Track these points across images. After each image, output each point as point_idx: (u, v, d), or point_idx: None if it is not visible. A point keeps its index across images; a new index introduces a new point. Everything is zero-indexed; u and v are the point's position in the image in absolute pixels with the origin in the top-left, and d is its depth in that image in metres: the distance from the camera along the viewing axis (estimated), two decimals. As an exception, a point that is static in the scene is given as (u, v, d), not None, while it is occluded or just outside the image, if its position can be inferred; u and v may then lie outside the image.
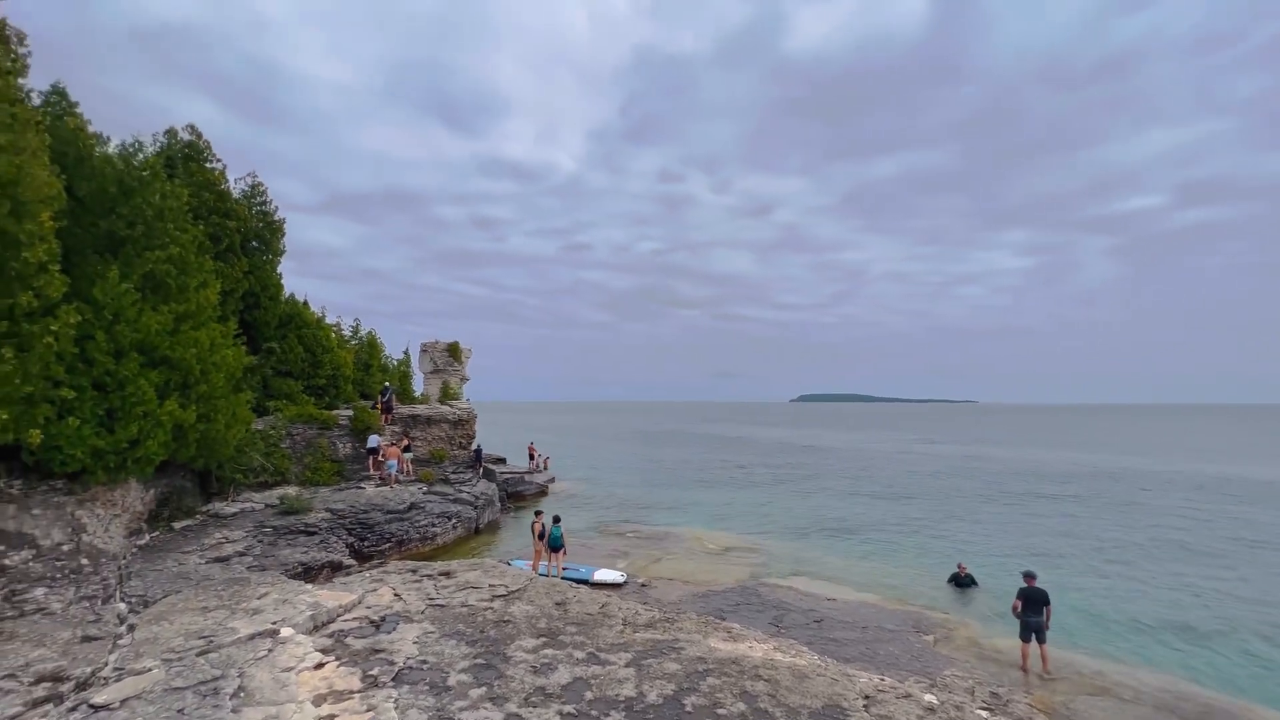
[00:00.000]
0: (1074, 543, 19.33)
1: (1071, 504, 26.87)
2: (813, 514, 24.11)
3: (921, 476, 37.11)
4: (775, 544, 18.83)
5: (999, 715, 7.61)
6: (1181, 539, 19.87)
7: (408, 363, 28.79)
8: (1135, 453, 56.12)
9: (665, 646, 8.75)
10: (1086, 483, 34.08)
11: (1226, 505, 26.72)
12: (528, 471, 32.50)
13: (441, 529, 17.48)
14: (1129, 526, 21.91)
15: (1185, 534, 20.67)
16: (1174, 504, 26.88)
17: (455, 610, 9.03)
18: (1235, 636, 11.68)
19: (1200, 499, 28.37)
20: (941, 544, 19.03)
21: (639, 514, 23.60)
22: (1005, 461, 46.83)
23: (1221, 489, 31.71)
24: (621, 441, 68.27)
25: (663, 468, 40.99)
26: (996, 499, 28.27)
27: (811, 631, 10.58)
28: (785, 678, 8.06)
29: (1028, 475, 37.68)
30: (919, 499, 28.28)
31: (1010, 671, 9.83)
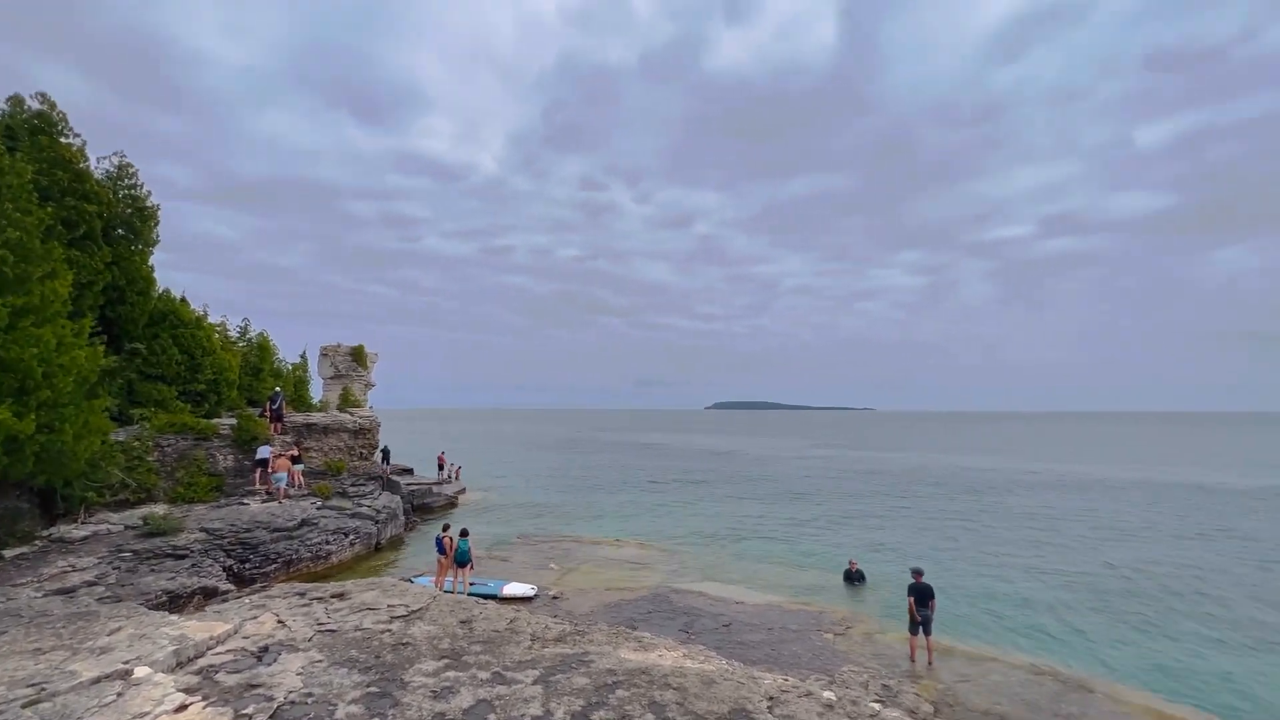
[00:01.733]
0: (953, 538, 21.13)
1: (952, 503, 29.41)
2: (723, 519, 24.78)
3: (822, 480, 39.29)
4: (687, 549, 19.14)
5: (890, 707, 8.06)
6: (1043, 532, 22.25)
7: (305, 367, 26.66)
8: (1003, 454, 62.53)
9: (575, 660, 8.56)
10: (966, 483, 37.51)
11: (1079, 500, 30.29)
12: (437, 482, 31.07)
13: (337, 546, 16.24)
14: (999, 522, 24.26)
15: (1046, 528, 23.16)
16: (1036, 501, 30.14)
17: (348, 635, 8.38)
18: (1091, 618, 13.17)
19: (1058, 496, 32.00)
20: (838, 543, 20.15)
21: (553, 524, 23.18)
22: (895, 464, 50.66)
23: (1074, 487, 35.97)
24: (539, 450, 67.05)
25: (579, 476, 40.62)
26: (887, 499, 30.41)
27: (720, 636, 10.79)
28: (694, 685, 8.11)
29: (915, 477, 40.93)
30: (819, 501, 29.86)
31: (901, 663, 10.49)
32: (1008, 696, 9.16)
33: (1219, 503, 29.83)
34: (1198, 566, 17.49)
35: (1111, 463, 53.20)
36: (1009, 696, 9.16)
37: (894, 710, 7.88)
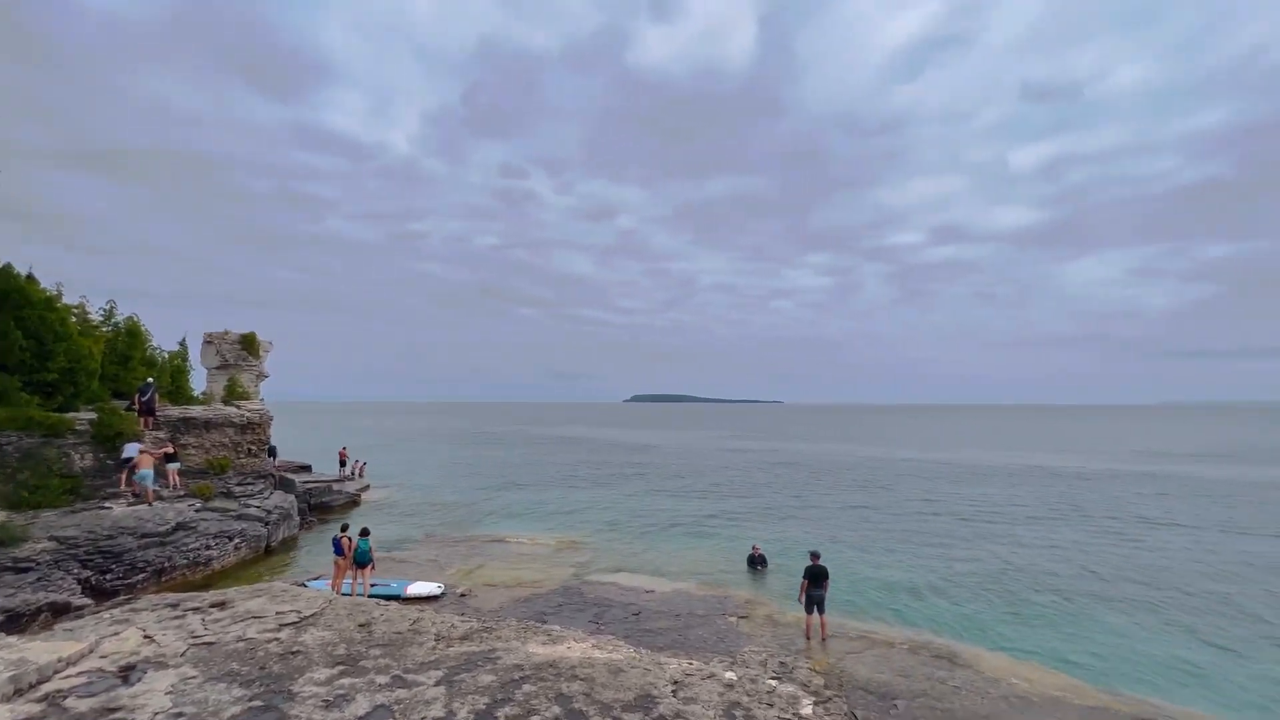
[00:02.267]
0: (847, 524, 22.71)
1: (848, 490, 31.61)
2: (637, 511, 25.19)
3: (731, 471, 40.92)
4: (600, 541, 19.30)
5: (785, 682, 8.56)
6: (926, 517, 24.41)
7: (185, 355, 24.11)
8: (894, 445, 67.88)
9: (481, 658, 8.44)
10: (861, 471, 40.44)
11: (955, 486, 33.49)
12: (338, 480, 29.28)
13: (220, 551, 14.92)
14: (888, 507, 26.36)
15: (929, 513, 25.42)
16: (920, 488, 32.99)
17: (228, 647, 7.77)
18: (961, 594, 14.63)
19: (938, 483, 35.21)
20: (744, 530, 21.10)
21: (464, 520, 22.57)
22: (799, 455, 53.70)
23: (951, 473, 39.74)
24: (452, 444, 64.83)
25: (493, 471, 39.73)
26: (790, 488, 32.19)
27: (630, 625, 11.00)
28: (601, 675, 8.22)
29: (816, 466, 43.60)
30: (727, 491, 31.10)
31: (797, 640, 11.17)
32: (889, 667, 10.02)
33: (1068, 485, 34.04)
34: (1055, 544, 19.86)
35: (984, 450, 59.28)
36: (890, 666, 10.03)
37: (789, 685, 8.38)
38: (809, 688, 8.54)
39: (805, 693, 8.51)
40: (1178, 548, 18.99)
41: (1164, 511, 25.22)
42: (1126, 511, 25.33)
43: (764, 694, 8.29)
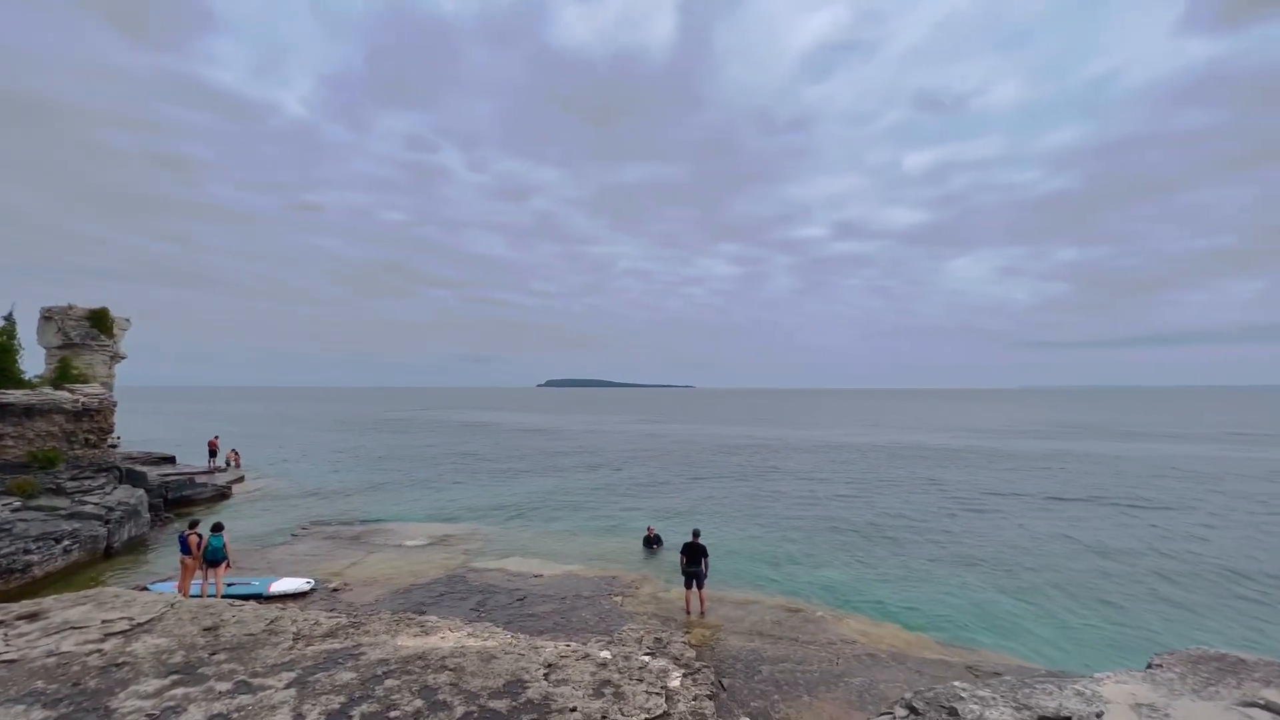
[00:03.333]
0: (737, 500, 23.92)
1: (742, 469, 33.23)
2: (537, 495, 25.04)
3: (635, 454, 41.71)
4: (494, 528, 19.02)
5: (659, 657, 8.86)
6: (810, 490, 26.18)
7: (11, 332, 20.63)
8: (789, 425, 72.15)
9: (343, 655, 8.05)
10: (759, 451, 42.65)
11: (837, 462, 36.18)
12: (206, 471, 26.64)
13: (42, 556, 13.10)
14: (777, 484, 28.02)
15: (811, 487, 27.27)
16: (806, 464, 35.33)
17: (35, 664, 6.88)
18: (837, 561, 15.88)
19: (823, 459, 37.87)
20: (642, 511, 21.63)
21: (350, 511, 21.34)
22: (702, 437, 55.71)
23: (836, 450, 42.89)
24: (346, 431, 60.87)
25: (388, 458, 37.82)
26: (690, 468, 33.34)
27: (513, 611, 10.95)
28: (472, 663, 8.11)
29: (717, 447, 45.44)
30: (630, 473, 31.68)
31: (678, 615, 11.64)
32: (760, 635, 10.71)
33: (934, 460, 37.82)
34: (913, 513, 22.02)
35: (867, 430, 64.48)
36: (761, 634, 10.72)
37: (661, 660, 8.70)
38: (680, 661, 8.93)
39: (676, 666, 8.87)
40: (1015, 513, 21.74)
41: (1007, 482, 28.74)
42: (978, 483, 28.60)
43: (635, 670, 8.55)
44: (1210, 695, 5.35)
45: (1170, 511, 21.92)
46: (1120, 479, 29.88)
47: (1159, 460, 37.48)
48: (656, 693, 8.28)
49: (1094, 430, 65.38)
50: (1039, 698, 3.97)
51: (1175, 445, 46.61)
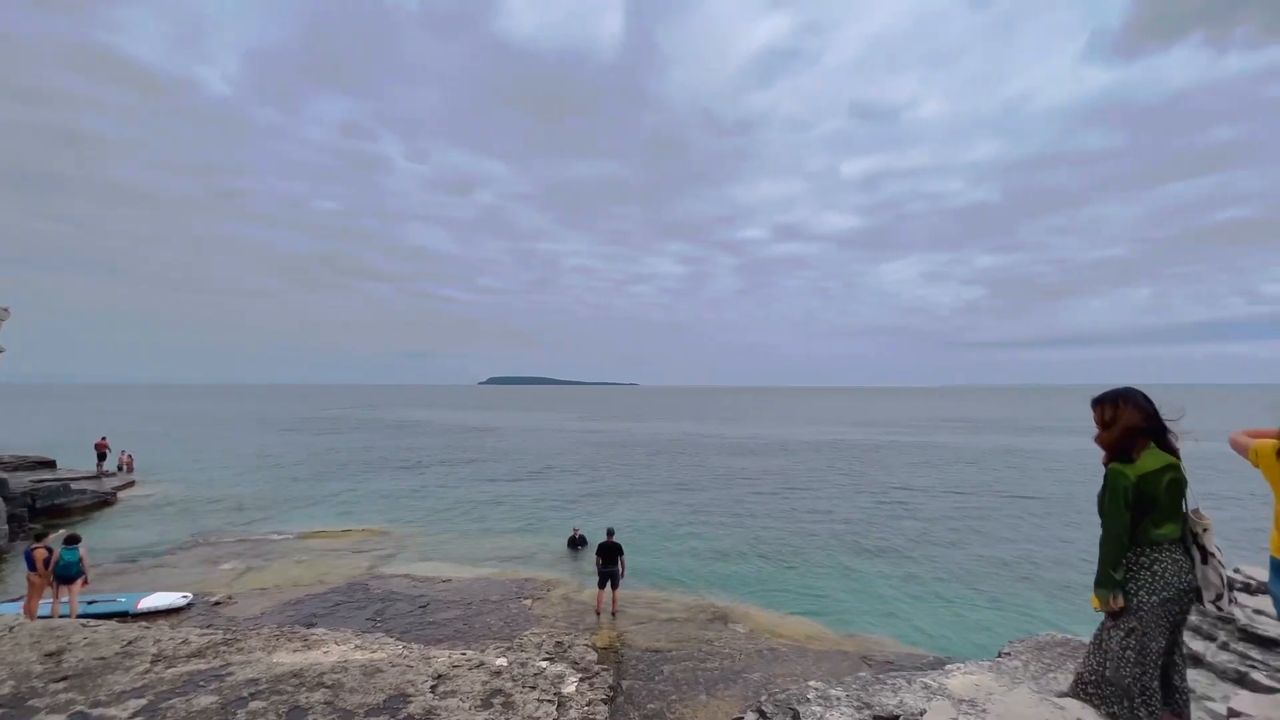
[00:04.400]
0: (668, 497, 24.09)
1: (672, 467, 33.58)
2: (462, 495, 24.37)
3: (571, 452, 41.40)
4: (409, 531, 18.34)
5: (558, 662, 8.72)
6: (734, 487, 26.69)
7: None
8: (726, 422, 73.62)
9: (207, 677, 7.49)
10: (688, 449, 43.24)
11: (764, 461, 37.15)
12: (91, 476, 24.35)
13: None
14: (703, 481, 28.44)
15: (736, 485, 27.82)
16: (734, 464, 36.10)
17: None
18: (750, 557, 16.21)
19: (752, 458, 38.80)
20: (571, 512, 21.43)
21: (253, 516, 20.02)
22: (641, 434, 55.98)
23: (766, 449, 44.05)
24: (266, 431, 57.32)
25: (308, 459, 35.86)
26: (625, 467, 33.38)
27: (413, 619, 10.53)
28: (354, 678, 7.72)
29: (652, 445, 45.76)
30: (564, 472, 31.39)
31: (588, 617, 11.53)
32: (667, 633, 10.76)
33: (859, 456, 39.44)
34: (829, 508, 22.83)
35: (801, 427, 66.66)
36: (668, 633, 10.77)
37: (559, 665, 8.56)
38: (579, 665, 8.81)
39: (574, 670, 8.75)
40: (918, 505, 22.90)
41: (917, 476, 30.31)
42: (889, 477, 30.00)
43: (530, 677, 8.37)
44: (1048, 682, 5.68)
45: (1050, 500, 23.70)
46: (1020, 473, 32.08)
47: (1054, 455, 40.55)
48: (549, 700, 8.12)
49: (1001, 425, 70.05)
50: (883, 695, 4.09)
51: (1071, 439, 50.53)
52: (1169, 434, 2.85)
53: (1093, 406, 2.92)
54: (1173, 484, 2.76)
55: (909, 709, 3.74)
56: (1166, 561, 2.73)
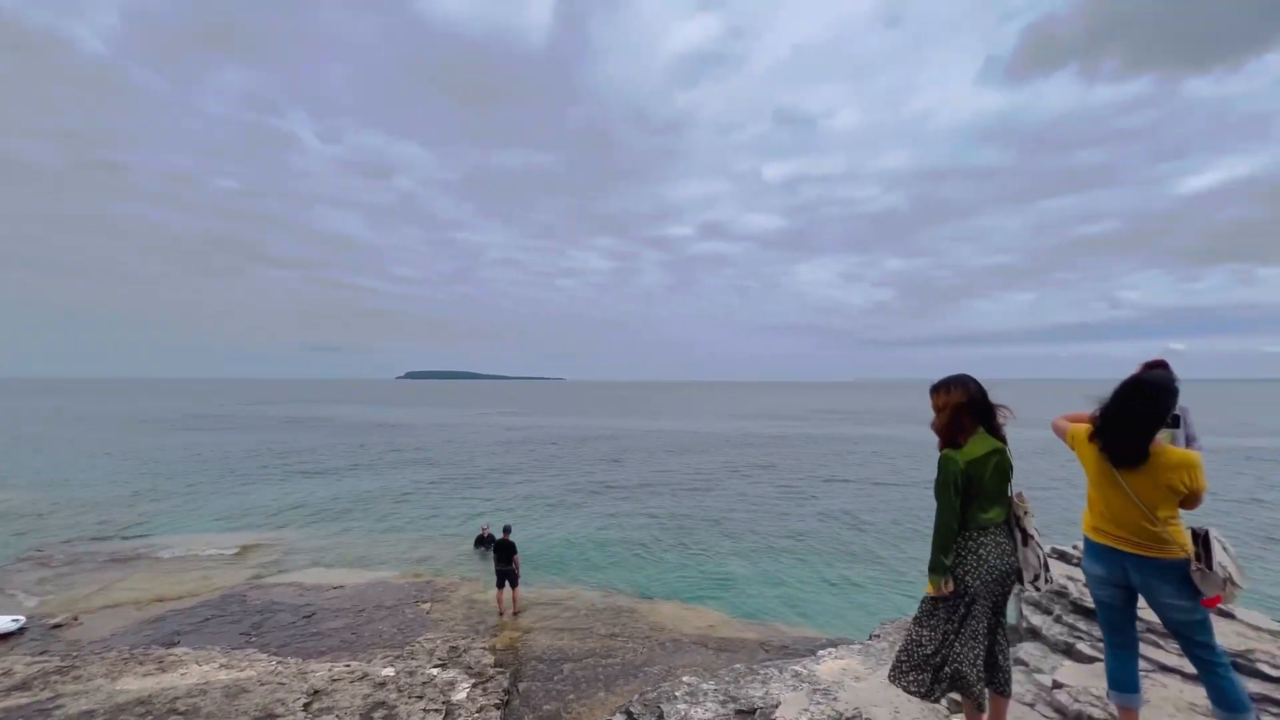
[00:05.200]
0: (579, 492, 23.93)
1: (593, 461, 33.44)
2: (364, 496, 23.05)
3: (487, 448, 40.31)
4: (301, 535, 17.11)
5: (450, 669, 8.36)
6: (640, 479, 26.93)
7: None
8: (648, 418, 74.39)
9: (30, 712, 6.60)
10: (607, 443, 43.29)
11: (685, 454, 37.82)
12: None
13: None
14: (618, 475, 28.51)
15: (645, 475, 28.10)
16: (654, 456, 36.49)
17: None
18: (659, 550, 16.36)
19: (672, 451, 39.39)
20: (482, 509, 20.79)
21: (116, 525, 17.92)
22: (563, 429, 55.42)
23: (679, 443, 44.86)
24: (144, 431, 51.62)
25: (186, 461, 32.61)
26: (542, 463, 32.86)
27: (293, 631, 9.75)
28: (214, 701, 7.04)
29: (572, 439, 45.42)
30: (478, 469, 30.49)
31: (490, 618, 11.18)
32: (570, 630, 10.61)
33: (768, 448, 40.98)
34: (736, 498, 23.51)
35: (718, 420, 68.40)
36: (571, 630, 10.63)
37: (452, 671, 8.22)
38: (473, 670, 8.50)
39: (467, 676, 8.43)
40: (819, 493, 24.09)
41: (822, 465, 31.91)
42: (801, 468, 31.41)
43: (418, 686, 7.96)
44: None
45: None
46: (913, 461, 34.52)
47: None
48: (436, 709, 7.75)
49: (899, 416, 75.28)
50: (751, 688, 4.15)
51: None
52: (997, 420, 2.98)
53: (930, 394, 3.00)
54: (998, 468, 2.90)
55: (771, 700, 3.80)
56: (991, 544, 2.87)
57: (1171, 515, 2.84)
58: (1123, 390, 2.86)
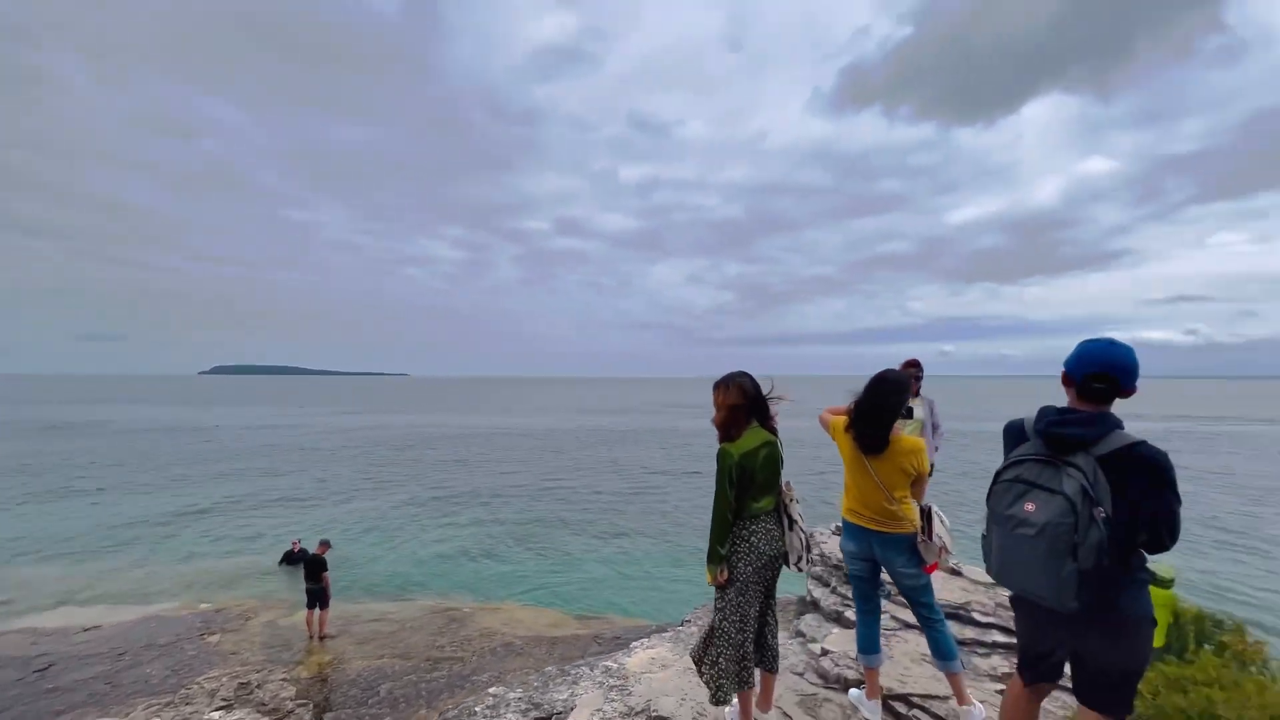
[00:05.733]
0: (406, 499, 22.43)
1: (428, 463, 31.56)
2: (142, 515, 19.32)
3: (309, 452, 36.17)
4: (43, 570, 13.84)
5: (237, 709, 7.27)
6: (476, 480, 26.08)
7: None
8: (497, 415, 72.17)
9: None
10: (450, 443, 41.18)
11: (526, 451, 37.24)
12: None
13: None
14: (452, 476, 27.27)
15: (481, 476, 27.26)
16: (492, 454, 35.46)
17: None
18: (488, 552, 15.83)
19: (514, 449, 38.57)
20: (294, 522, 18.54)
21: None
22: (401, 429, 51.56)
23: (532, 439, 44.23)
24: None
25: None
26: (369, 466, 30.21)
27: (19, 690, 7.81)
28: None
29: (411, 440, 42.48)
30: (295, 475, 27.25)
31: (298, 643, 9.97)
32: (392, 646, 9.85)
33: (610, 440, 41.90)
34: (566, 494, 23.68)
35: (565, 417, 68.41)
36: (394, 646, 9.87)
37: (239, 712, 7.14)
38: (267, 706, 7.48)
39: (260, 714, 7.38)
40: (656, 485, 25.16)
41: (661, 457, 33.40)
42: (644, 460, 32.54)
43: (190, 735, 6.83)
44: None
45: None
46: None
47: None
48: (210, 758, 6.67)
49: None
50: (556, 691, 4.10)
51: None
52: (771, 413, 3.20)
53: (712, 390, 3.14)
54: (769, 459, 3.11)
55: (572, 703, 3.77)
56: (761, 532, 3.08)
57: (905, 495, 3.28)
58: (870, 385, 3.24)
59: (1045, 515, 2.09)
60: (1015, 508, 2.20)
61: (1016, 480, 2.25)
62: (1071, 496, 2.06)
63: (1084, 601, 2.06)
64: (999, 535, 2.26)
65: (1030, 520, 2.12)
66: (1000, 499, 2.30)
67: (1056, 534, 2.05)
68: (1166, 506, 2.08)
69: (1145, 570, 2.22)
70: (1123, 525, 2.09)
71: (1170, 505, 2.09)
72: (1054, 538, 2.05)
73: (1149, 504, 2.08)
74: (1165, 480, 2.08)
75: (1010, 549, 2.20)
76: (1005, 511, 2.24)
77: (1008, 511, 2.23)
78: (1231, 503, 21.82)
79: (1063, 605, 2.08)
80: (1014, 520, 2.18)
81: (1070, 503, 2.05)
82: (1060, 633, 2.28)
